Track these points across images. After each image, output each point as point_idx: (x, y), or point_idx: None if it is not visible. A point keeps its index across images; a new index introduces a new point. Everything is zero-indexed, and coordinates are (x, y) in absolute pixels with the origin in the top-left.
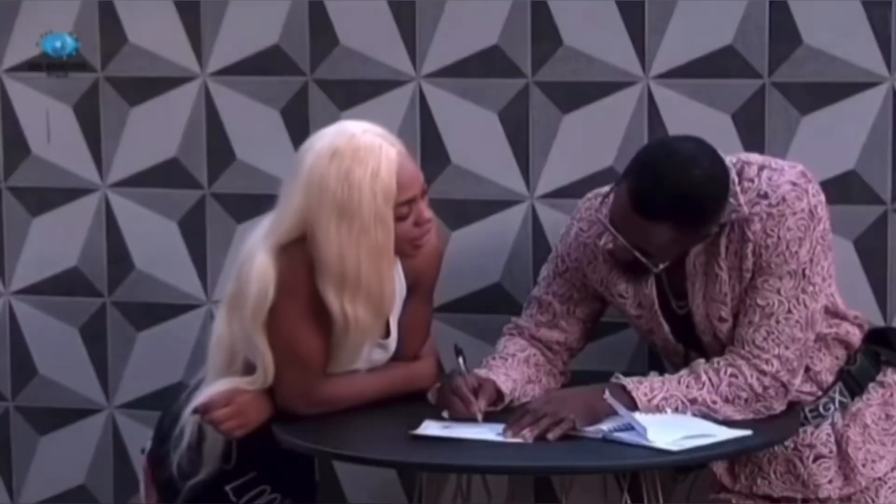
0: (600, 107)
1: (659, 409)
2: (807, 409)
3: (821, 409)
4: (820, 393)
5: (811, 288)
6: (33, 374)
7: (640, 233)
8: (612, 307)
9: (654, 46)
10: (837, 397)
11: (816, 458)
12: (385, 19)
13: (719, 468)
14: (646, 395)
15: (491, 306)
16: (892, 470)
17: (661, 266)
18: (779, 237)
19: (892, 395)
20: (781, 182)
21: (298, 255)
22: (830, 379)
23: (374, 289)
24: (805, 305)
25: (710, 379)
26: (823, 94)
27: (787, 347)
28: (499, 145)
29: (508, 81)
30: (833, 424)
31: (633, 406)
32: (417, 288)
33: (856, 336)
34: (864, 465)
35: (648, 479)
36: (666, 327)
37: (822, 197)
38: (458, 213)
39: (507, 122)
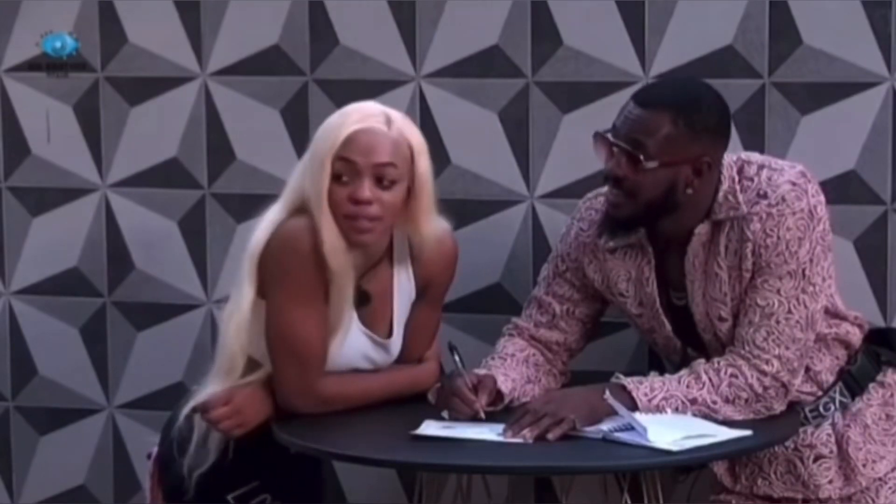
0: (600, 107)
1: (659, 410)
2: (807, 409)
3: (821, 409)
4: (820, 393)
5: (811, 288)
6: (33, 374)
7: (637, 122)
8: (612, 307)
9: (654, 46)
10: (838, 397)
11: (817, 459)
12: (385, 19)
13: (720, 468)
14: (646, 395)
15: (491, 306)
16: (893, 470)
17: (650, 164)
18: (778, 237)
19: (892, 395)
20: (781, 182)
21: (294, 226)
22: (830, 379)
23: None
24: (805, 306)
25: (710, 379)
26: (823, 94)
27: (787, 348)
28: (499, 145)
29: (508, 81)
30: (833, 424)
31: (633, 406)
32: (428, 292)
33: (856, 336)
34: (864, 466)
35: (648, 479)
36: (667, 325)
37: (822, 197)
38: (458, 213)
39: (507, 122)
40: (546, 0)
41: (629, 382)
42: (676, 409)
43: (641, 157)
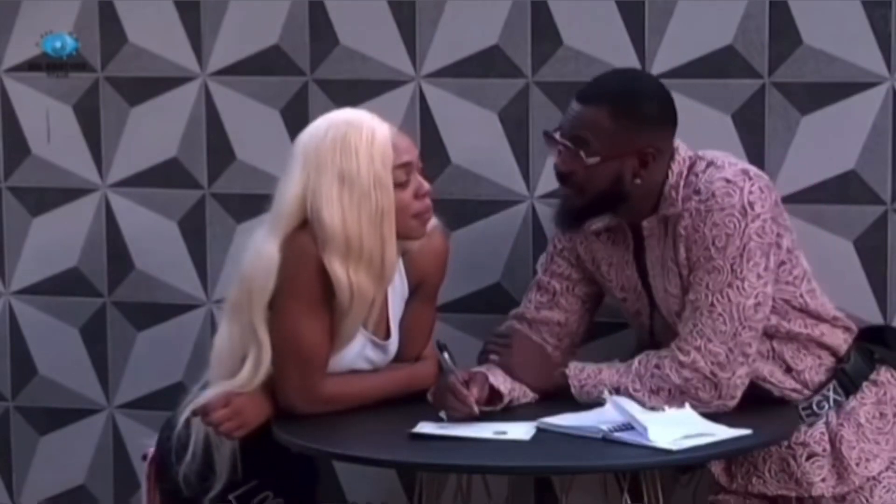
0: None
1: (589, 395)
2: (800, 408)
3: (814, 407)
4: (808, 392)
5: (738, 283)
6: (33, 374)
7: (578, 119)
8: (610, 301)
9: (654, 46)
10: (831, 395)
11: (810, 457)
12: (385, 19)
13: (716, 467)
14: (580, 380)
15: (491, 306)
16: (887, 469)
17: (591, 160)
18: (704, 233)
19: (885, 393)
20: (715, 178)
21: (301, 241)
22: (818, 378)
23: (375, 255)
24: (729, 299)
25: (637, 369)
26: (823, 94)
27: (710, 340)
28: (499, 145)
29: (508, 81)
30: (827, 423)
31: (568, 389)
32: (422, 289)
33: (837, 339)
34: (857, 464)
35: (648, 479)
36: (648, 306)
37: (768, 195)
38: (458, 213)
39: (507, 122)
40: (546, 0)
41: (571, 368)
42: (600, 394)
43: (583, 154)
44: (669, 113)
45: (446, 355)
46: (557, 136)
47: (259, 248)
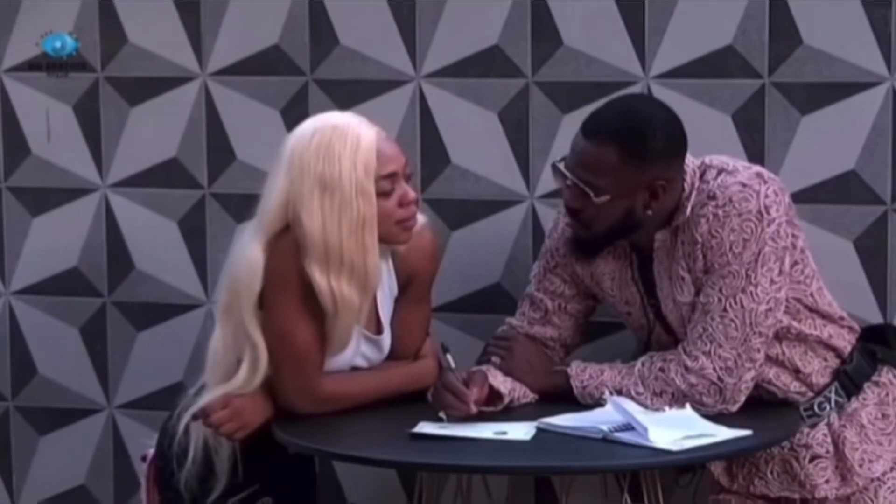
0: None
1: (591, 396)
2: (802, 409)
3: (816, 408)
4: (812, 394)
5: (752, 288)
6: (33, 374)
7: (584, 157)
8: (606, 305)
9: (654, 46)
10: (833, 397)
11: (813, 459)
12: (385, 19)
13: (717, 468)
14: (582, 381)
15: (491, 306)
16: (891, 470)
17: (601, 199)
18: (722, 238)
19: (887, 394)
20: (731, 183)
21: (285, 243)
22: (822, 381)
23: (357, 263)
24: (742, 305)
25: (641, 371)
26: (823, 94)
27: (720, 345)
28: (499, 145)
29: (508, 81)
30: (829, 425)
31: (570, 390)
32: (413, 287)
33: (843, 339)
34: (860, 466)
35: (648, 479)
36: (657, 324)
37: (782, 198)
38: (458, 213)
39: (507, 122)
40: (546, 0)
41: (573, 368)
42: (602, 395)
43: (592, 194)
44: (678, 142)
45: (449, 357)
46: (562, 166)
47: (243, 250)
